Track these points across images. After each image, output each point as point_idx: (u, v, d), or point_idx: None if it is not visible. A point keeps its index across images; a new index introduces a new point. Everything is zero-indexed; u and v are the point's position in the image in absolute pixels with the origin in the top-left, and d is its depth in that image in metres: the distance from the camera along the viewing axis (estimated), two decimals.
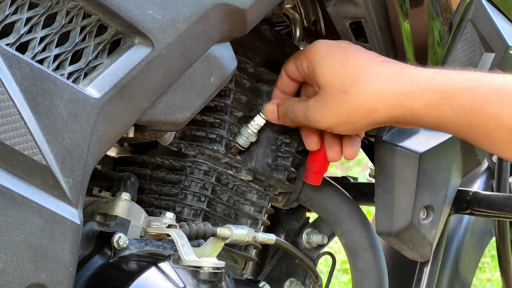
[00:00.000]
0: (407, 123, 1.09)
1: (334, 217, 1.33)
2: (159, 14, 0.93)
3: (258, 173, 1.20)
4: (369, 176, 1.59)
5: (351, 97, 1.07)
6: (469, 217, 1.65)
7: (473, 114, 1.03)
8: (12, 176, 0.84)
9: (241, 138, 1.17)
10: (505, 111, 1.01)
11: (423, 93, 1.04)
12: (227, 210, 1.20)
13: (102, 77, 0.91)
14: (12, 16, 0.85)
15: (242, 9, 1.00)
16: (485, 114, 1.02)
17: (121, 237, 1.00)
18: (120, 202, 1.05)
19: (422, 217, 1.27)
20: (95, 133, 0.90)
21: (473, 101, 1.03)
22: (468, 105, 1.03)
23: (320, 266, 3.08)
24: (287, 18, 1.24)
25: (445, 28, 1.23)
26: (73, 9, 0.89)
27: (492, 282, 4.03)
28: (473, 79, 1.04)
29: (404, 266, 1.56)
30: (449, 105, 1.03)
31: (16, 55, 0.83)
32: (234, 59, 1.03)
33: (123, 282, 0.96)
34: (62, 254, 0.87)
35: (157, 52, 0.94)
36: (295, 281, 1.37)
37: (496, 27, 1.28)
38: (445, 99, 1.04)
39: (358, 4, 1.13)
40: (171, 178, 1.17)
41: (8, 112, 0.82)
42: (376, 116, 1.07)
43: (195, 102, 1.00)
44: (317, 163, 1.24)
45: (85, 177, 0.89)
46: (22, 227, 0.84)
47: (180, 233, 1.02)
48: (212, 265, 0.99)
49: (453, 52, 1.24)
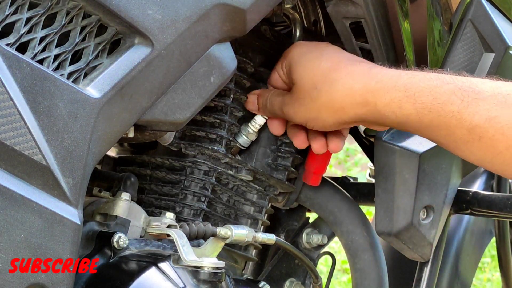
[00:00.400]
0: (373, 122, 1.10)
1: (334, 217, 1.34)
2: (159, 14, 0.93)
3: (258, 173, 1.20)
4: (369, 176, 1.58)
5: (320, 94, 1.09)
6: (469, 217, 1.65)
7: (435, 113, 1.04)
8: (12, 176, 0.84)
9: (241, 137, 1.17)
10: (466, 111, 1.02)
11: (387, 92, 1.06)
12: (227, 210, 1.20)
13: (102, 77, 0.91)
14: (12, 16, 0.85)
15: (242, 9, 1.00)
16: (446, 113, 1.03)
17: (121, 237, 1.00)
18: (120, 202, 1.05)
19: (422, 217, 1.27)
20: (95, 133, 0.90)
21: (434, 100, 1.03)
22: (430, 103, 1.04)
23: (320, 266, 3.08)
24: (287, 18, 1.24)
25: (445, 28, 1.23)
26: (73, 9, 0.89)
27: (492, 282, 4.03)
28: (436, 79, 1.05)
29: (404, 266, 1.56)
30: (411, 104, 1.04)
31: (16, 55, 0.83)
32: (234, 59, 1.04)
33: (123, 282, 0.96)
34: (62, 254, 0.87)
35: (157, 52, 0.94)
36: (295, 281, 1.37)
37: (496, 27, 1.28)
38: (408, 97, 1.05)
39: (358, 4, 1.13)
40: (171, 178, 1.17)
41: (8, 112, 0.82)
42: (343, 114, 1.09)
43: (195, 102, 1.00)
44: (316, 164, 1.24)
45: (85, 177, 0.89)
46: (22, 227, 0.84)
47: (180, 233, 1.02)
48: (212, 265, 0.99)
49: (453, 52, 1.24)
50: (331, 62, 1.10)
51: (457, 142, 1.05)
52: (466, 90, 1.03)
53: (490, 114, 1.01)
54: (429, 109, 1.04)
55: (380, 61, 1.18)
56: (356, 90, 1.07)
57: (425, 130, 1.06)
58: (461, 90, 1.03)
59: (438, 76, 1.06)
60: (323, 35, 1.30)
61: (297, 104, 1.12)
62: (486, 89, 1.02)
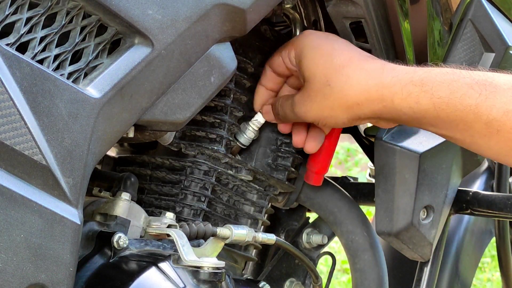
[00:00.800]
0: (388, 118, 1.09)
1: (334, 217, 1.34)
2: (159, 14, 0.93)
3: (258, 173, 1.20)
4: (369, 176, 1.59)
5: (334, 90, 1.08)
6: (469, 217, 1.65)
7: (452, 107, 1.03)
8: (12, 176, 0.83)
9: (242, 136, 1.17)
10: (483, 104, 1.01)
11: (403, 87, 1.05)
12: (227, 210, 1.20)
13: (102, 77, 0.91)
14: (12, 16, 0.85)
15: (242, 9, 1.00)
16: (464, 107, 1.02)
17: (121, 237, 1.00)
18: (120, 202, 1.05)
19: (422, 217, 1.27)
20: (95, 133, 0.90)
21: (451, 94, 1.03)
22: (447, 97, 1.03)
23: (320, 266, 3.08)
24: (287, 18, 1.24)
25: (445, 28, 1.23)
26: (73, 9, 0.89)
27: (492, 282, 4.03)
28: (453, 73, 1.04)
29: (404, 266, 1.57)
30: (429, 98, 1.04)
31: (16, 55, 0.83)
32: (234, 59, 1.03)
33: (123, 282, 0.96)
34: (62, 254, 0.87)
35: (157, 52, 0.94)
36: (295, 281, 1.37)
37: (496, 27, 1.28)
38: (425, 92, 1.04)
39: (358, 4, 1.13)
40: (171, 178, 1.17)
41: (8, 112, 0.82)
42: (358, 110, 1.08)
43: (195, 102, 1.00)
44: (318, 164, 1.24)
45: (85, 177, 0.89)
46: (22, 227, 0.84)
47: (180, 233, 1.02)
48: (212, 265, 0.99)
49: (453, 52, 1.24)
50: (343, 58, 1.09)
51: (474, 137, 1.04)
52: (483, 83, 1.02)
53: (508, 107, 1.00)
54: (447, 103, 1.03)
55: None
56: (372, 86, 1.06)
57: (442, 125, 1.05)
58: (478, 84, 1.02)
59: (454, 70, 1.05)
60: None
61: (308, 101, 1.10)
62: (503, 82, 1.02)
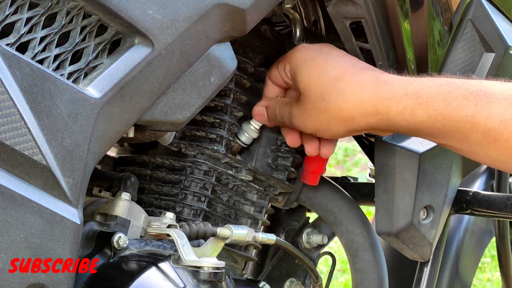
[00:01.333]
0: (384, 130, 1.10)
1: (334, 217, 1.34)
2: (159, 14, 0.93)
3: (258, 173, 1.20)
4: (369, 176, 1.59)
5: (329, 105, 1.09)
6: (469, 217, 1.65)
7: (448, 118, 1.04)
8: (12, 176, 0.83)
9: (243, 134, 1.17)
10: (480, 114, 1.02)
11: (398, 100, 1.06)
12: (227, 210, 1.20)
13: (102, 77, 0.91)
14: (12, 16, 0.85)
15: (242, 9, 1.00)
16: (460, 118, 1.03)
17: (121, 237, 1.00)
18: (120, 202, 1.05)
19: (422, 217, 1.27)
20: (95, 133, 0.90)
21: (447, 105, 1.04)
22: (443, 109, 1.04)
23: (320, 266, 3.08)
24: (287, 18, 1.24)
25: (445, 28, 1.23)
26: (73, 9, 0.89)
27: (492, 282, 4.03)
28: (447, 84, 1.05)
29: (404, 266, 1.56)
30: (424, 110, 1.05)
31: (16, 55, 0.83)
32: (234, 59, 1.03)
33: (123, 282, 0.96)
34: (62, 254, 0.87)
35: (157, 52, 0.94)
36: (295, 281, 1.37)
37: (496, 27, 1.28)
38: (420, 104, 1.05)
39: (358, 4, 1.13)
40: (171, 178, 1.17)
41: (8, 112, 0.82)
42: (353, 124, 1.09)
43: (195, 102, 1.00)
44: (314, 163, 1.24)
45: (85, 177, 0.89)
46: (22, 227, 0.84)
47: (180, 233, 1.02)
48: (212, 265, 0.99)
49: (453, 52, 1.24)
50: (337, 71, 1.10)
51: (471, 146, 1.05)
52: (478, 94, 1.03)
53: (504, 116, 1.01)
54: (442, 115, 1.04)
55: (380, 61, 1.18)
56: (366, 100, 1.07)
57: (438, 135, 1.06)
58: (473, 94, 1.03)
59: (448, 81, 1.06)
60: (323, 35, 1.30)
61: (305, 115, 1.11)
62: (498, 91, 1.02)
